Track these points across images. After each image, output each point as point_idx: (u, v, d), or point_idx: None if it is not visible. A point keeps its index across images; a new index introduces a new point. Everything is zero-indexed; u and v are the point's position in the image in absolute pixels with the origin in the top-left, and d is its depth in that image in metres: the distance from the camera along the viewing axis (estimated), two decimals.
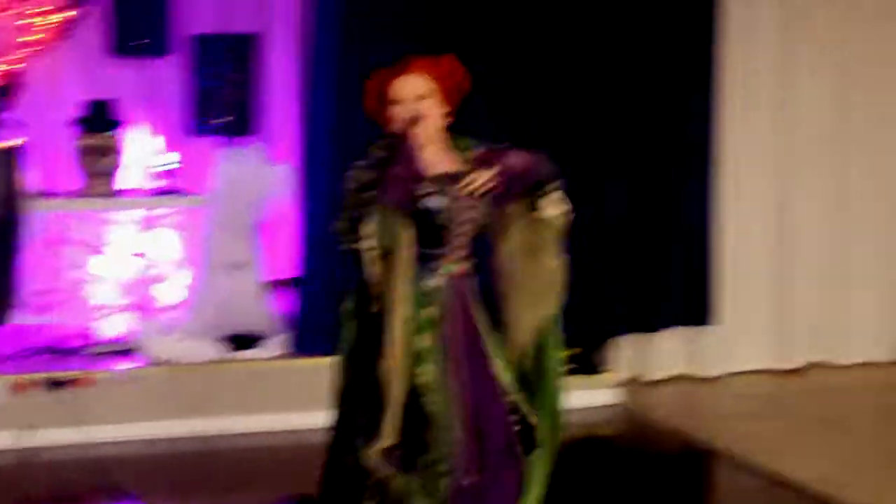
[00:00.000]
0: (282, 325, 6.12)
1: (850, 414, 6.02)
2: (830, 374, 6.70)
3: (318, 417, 5.62)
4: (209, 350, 5.88)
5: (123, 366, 5.76)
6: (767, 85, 6.55)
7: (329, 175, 5.83)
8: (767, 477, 5.02)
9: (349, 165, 6.27)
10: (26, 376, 5.53)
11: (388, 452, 3.22)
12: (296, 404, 5.75)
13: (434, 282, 3.30)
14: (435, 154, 3.34)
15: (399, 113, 3.34)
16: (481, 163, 3.30)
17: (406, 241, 3.27)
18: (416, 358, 3.24)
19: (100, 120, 6.24)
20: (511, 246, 3.38)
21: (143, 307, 6.27)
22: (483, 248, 3.46)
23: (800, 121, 6.57)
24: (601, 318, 6.34)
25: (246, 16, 6.62)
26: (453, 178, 3.33)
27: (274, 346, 6.01)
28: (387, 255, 3.25)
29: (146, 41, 6.34)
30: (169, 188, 6.34)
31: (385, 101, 3.39)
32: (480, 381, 3.31)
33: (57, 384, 5.53)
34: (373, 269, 3.26)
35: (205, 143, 6.38)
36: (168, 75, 6.61)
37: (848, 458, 5.30)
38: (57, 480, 5.29)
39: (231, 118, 6.22)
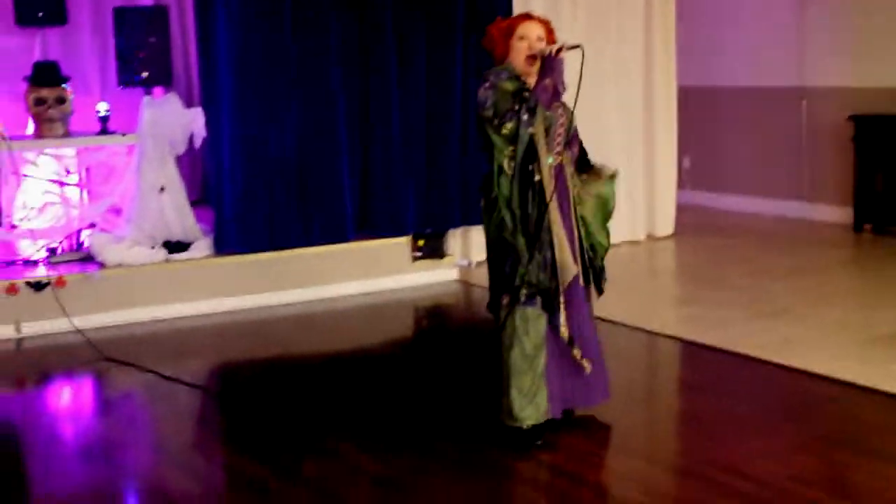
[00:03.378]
0: (204, 233, 7.14)
1: (623, 275, 7.17)
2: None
3: (239, 301, 6.88)
4: (151, 254, 6.81)
5: (87, 270, 6.50)
6: None
7: (229, 117, 6.87)
8: None
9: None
10: (14, 281, 6.24)
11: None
12: (222, 292, 6.83)
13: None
14: None
15: (523, 47, 4.00)
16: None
17: (544, 131, 4.02)
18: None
19: (50, 76, 7.19)
20: None
21: (96, 224, 7.23)
22: None
23: None
24: (442, 214, 7.48)
25: None
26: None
27: (200, 249, 6.98)
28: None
29: (41, 14, 7.38)
30: (106, 130, 7.29)
31: (510, 35, 4.02)
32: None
33: (40, 286, 6.29)
34: (535, 146, 3.98)
35: (130, 94, 7.48)
36: (92, 41, 7.74)
37: (632, 303, 6.61)
38: (47, 361, 5.78)
39: (148, 73, 7.23)
